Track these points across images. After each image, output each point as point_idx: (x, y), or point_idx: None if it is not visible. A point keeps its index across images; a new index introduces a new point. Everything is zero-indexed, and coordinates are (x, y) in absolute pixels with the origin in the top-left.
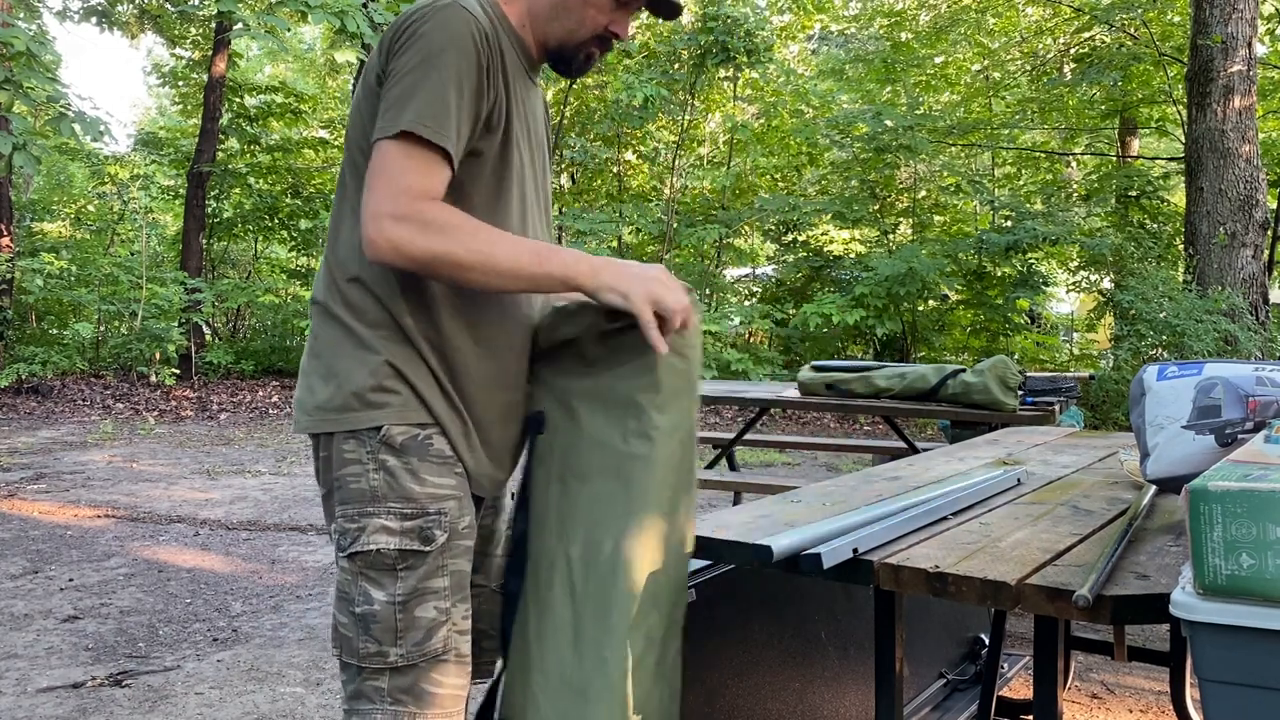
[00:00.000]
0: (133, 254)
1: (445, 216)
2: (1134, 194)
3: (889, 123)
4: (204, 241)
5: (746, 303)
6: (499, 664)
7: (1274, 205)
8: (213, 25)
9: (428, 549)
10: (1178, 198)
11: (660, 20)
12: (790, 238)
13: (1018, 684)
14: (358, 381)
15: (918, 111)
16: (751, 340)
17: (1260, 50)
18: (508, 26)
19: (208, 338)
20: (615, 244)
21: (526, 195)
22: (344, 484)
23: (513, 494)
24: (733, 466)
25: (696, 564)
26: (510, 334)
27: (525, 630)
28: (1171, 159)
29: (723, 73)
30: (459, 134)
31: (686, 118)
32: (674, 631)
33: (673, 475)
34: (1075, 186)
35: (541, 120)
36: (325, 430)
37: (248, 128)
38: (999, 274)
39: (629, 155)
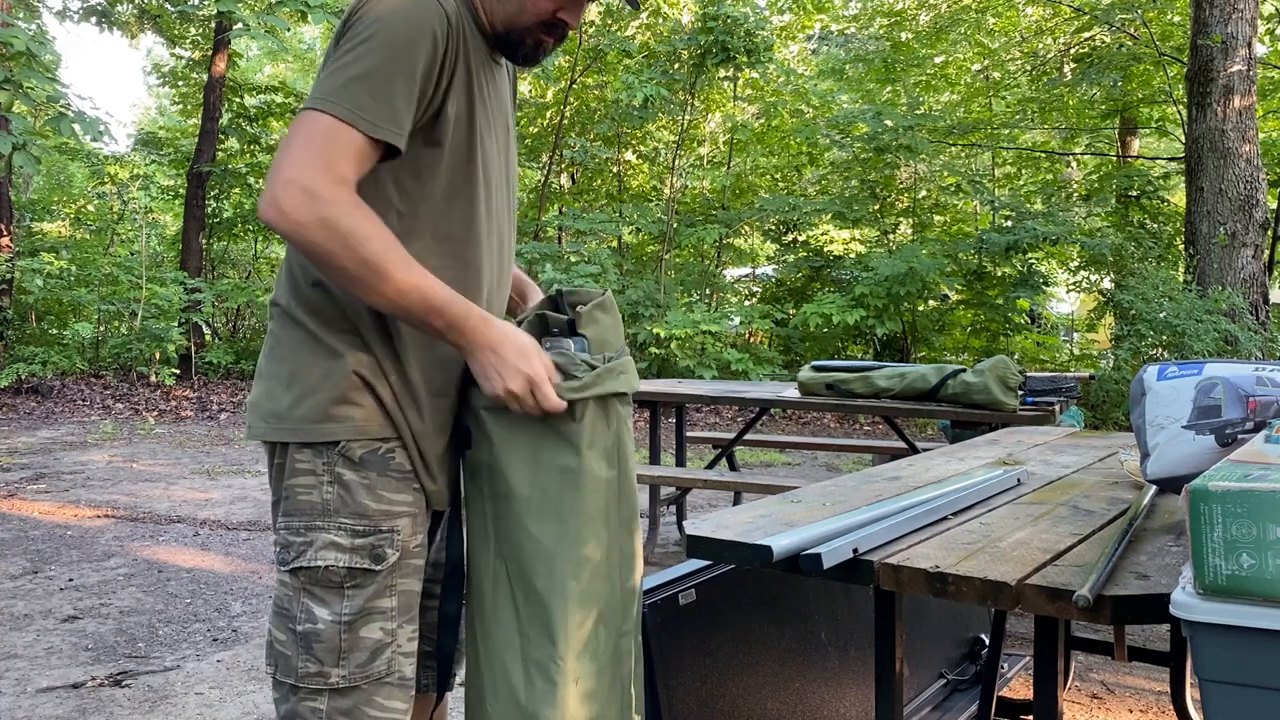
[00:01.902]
0: (132, 254)
1: (362, 217)
2: (1134, 194)
3: (889, 123)
4: (204, 241)
5: (746, 303)
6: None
7: (1274, 205)
8: (213, 25)
9: (378, 568)
10: (1178, 198)
11: (637, 13)
12: (790, 238)
13: (1018, 684)
14: (322, 392)
15: (918, 111)
16: (751, 340)
17: (1260, 50)
18: (470, 5)
19: (207, 338)
20: (615, 244)
21: (492, 183)
22: (293, 495)
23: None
24: (733, 466)
25: (696, 564)
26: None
27: (476, 653)
28: (1171, 159)
29: (723, 73)
30: (396, 120)
31: (686, 118)
32: (626, 646)
33: (603, 486)
34: (1075, 186)
35: (507, 102)
36: (282, 440)
37: (248, 128)
38: (999, 274)
39: (629, 155)
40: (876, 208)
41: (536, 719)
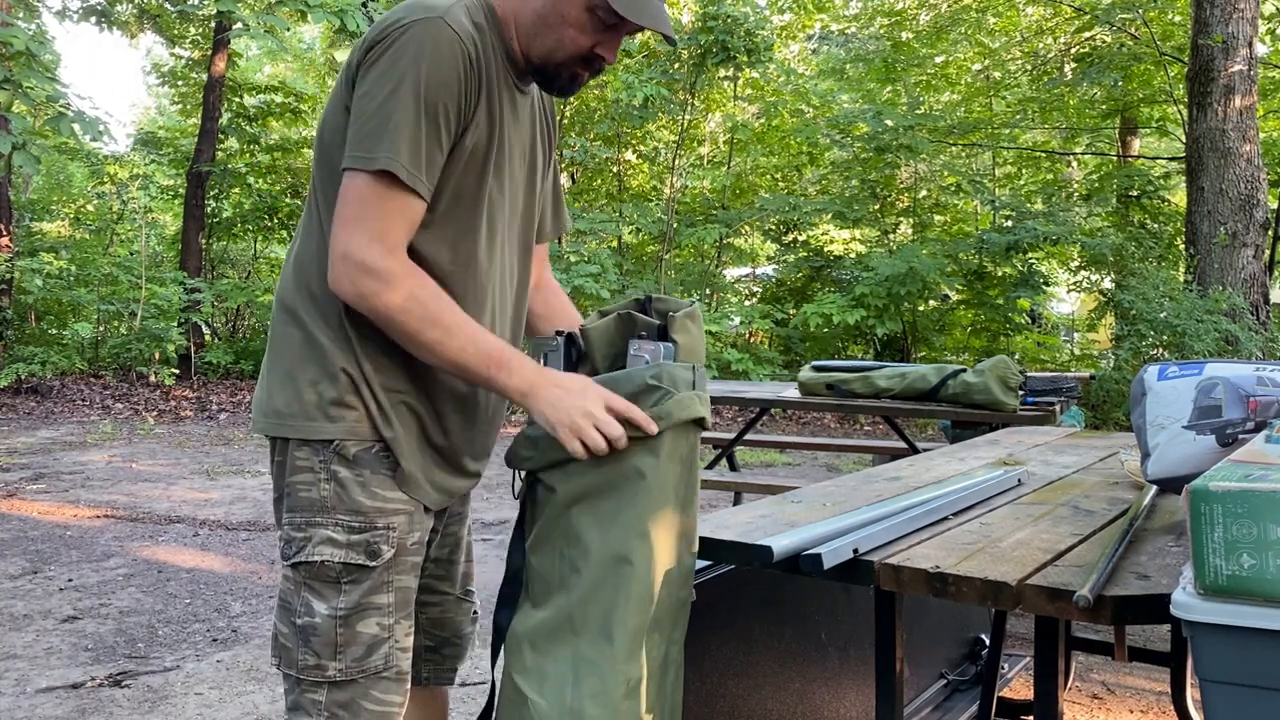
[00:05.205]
0: (132, 254)
1: (415, 287)
2: (1134, 194)
3: (889, 122)
4: (203, 241)
5: (746, 303)
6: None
7: (1274, 205)
8: (212, 25)
9: (373, 564)
10: (1178, 198)
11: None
12: (790, 238)
13: (1018, 684)
14: (317, 391)
15: (918, 111)
16: (752, 340)
17: (1261, 50)
18: (495, 29)
19: (207, 338)
20: (615, 244)
21: (498, 215)
22: (294, 491)
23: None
24: (733, 466)
25: (697, 564)
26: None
27: (520, 648)
28: (1172, 159)
29: (723, 72)
30: (431, 172)
31: (686, 117)
32: (674, 655)
33: (673, 495)
34: (1076, 186)
35: (526, 128)
36: (281, 435)
37: (247, 127)
38: (999, 274)
39: (629, 155)
40: (877, 208)
41: (583, 717)
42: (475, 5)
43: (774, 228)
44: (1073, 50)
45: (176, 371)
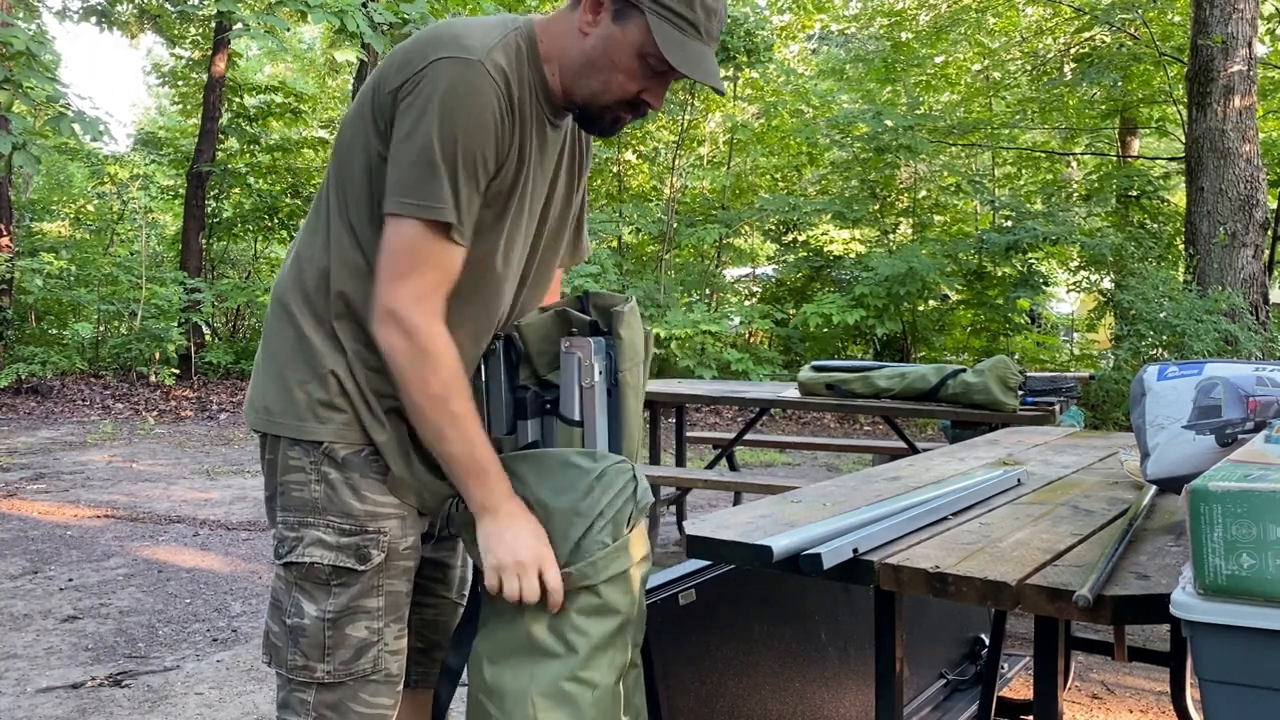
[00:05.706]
0: (132, 254)
1: (447, 363)
2: (1134, 194)
3: (889, 122)
4: (204, 241)
5: (746, 303)
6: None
7: (1274, 205)
8: (212, 25)
9: (362, 568)
10: (1178, 198)
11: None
12: (790, 238)
13: (1018, 684)
14: (307, 392)
15: (918, 111)
16: (751, 340)
17: (1260, 50)
18: (535, 65)
19: (207, 338)
20: (615, 244)
21: (511, 250)
22: (287, 491)
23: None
24: (733, 466)
25: (696, 564)
26: (467, 354)
27: (480, 668)
28: (1172, 159)
29: (723, 72)
30: (471, 220)
31: (686, 117)
32: (635, 657)
33: (613, 492)
34: (1075, 186)
35: (553, 162)
36: (272, 433)
37: (247, 127)
38: (999, 274)
39: (629, 155)
40: (876, 208)
41: None
42: (515, 41)
43: (774, 228)
44: (1072, 50)
45: (177, 371)
